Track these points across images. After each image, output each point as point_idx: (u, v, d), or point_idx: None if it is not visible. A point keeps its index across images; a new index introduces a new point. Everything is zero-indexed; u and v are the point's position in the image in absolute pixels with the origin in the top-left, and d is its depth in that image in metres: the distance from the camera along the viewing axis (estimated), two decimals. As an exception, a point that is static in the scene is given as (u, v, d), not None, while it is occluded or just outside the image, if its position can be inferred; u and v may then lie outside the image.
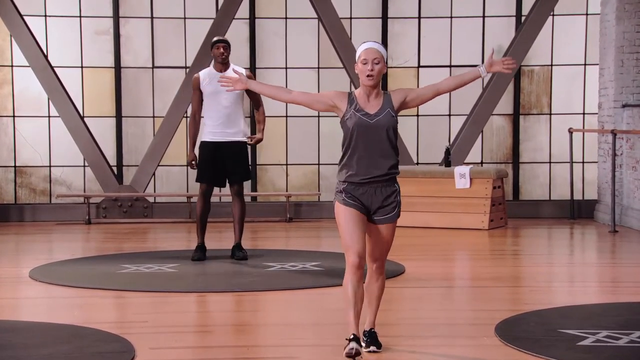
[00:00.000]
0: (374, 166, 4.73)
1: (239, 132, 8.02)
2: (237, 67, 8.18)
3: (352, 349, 4.61)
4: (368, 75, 4.74)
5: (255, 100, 8.15)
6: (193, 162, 8.09)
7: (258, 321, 5.96)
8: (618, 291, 6.95)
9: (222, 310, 6.32)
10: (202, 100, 8.03)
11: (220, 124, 7.95)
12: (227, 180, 8.08)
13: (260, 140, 8.13)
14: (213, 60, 8.09)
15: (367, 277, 4.91)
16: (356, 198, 4.76)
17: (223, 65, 8.00)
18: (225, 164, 8.00)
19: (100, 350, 4.88)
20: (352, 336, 4.65)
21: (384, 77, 11.98)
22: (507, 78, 11.71)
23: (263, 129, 8.13)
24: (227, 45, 8.01)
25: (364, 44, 4.83)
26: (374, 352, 4.80)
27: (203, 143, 8.05)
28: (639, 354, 4.80)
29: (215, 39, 8.08)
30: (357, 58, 4.81)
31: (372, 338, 4.88)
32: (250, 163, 8.38)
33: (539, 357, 4.73)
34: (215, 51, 8.00)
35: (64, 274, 7.44)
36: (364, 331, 4.90)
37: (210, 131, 7.99)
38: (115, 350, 4.88)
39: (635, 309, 6.02)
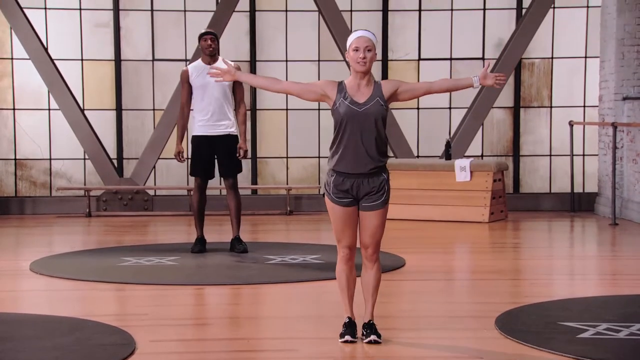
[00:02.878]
0: (362, 155, 4.76)
1: (230, 124, 8.02)
2: (226, 60, 8.17)
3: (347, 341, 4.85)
4: (359, 62, 4.73)
5: (238, 97, 8.10)
6: (180, 155, 8.10)
7: (258, 314, 5.97)
8: (618, 284, 6.95)
9: (222, 302, 6.32)
10: (191, 93, 8.03)
11: (211, 117, 7.96)
12: (220, 173, 8.09)
13: (246, 152, 8.08)
14: (201, 53, 8.08)
15: (362, 268, 4.93)
16: (344, 191, 4.81)
17: (211, 57, 7.99)
18: (218, 157, 8.02)
19: (101, 343, 4.89)
20: (347, 319, 4.89)
21: (384, 70, 11.98)
22: (507, 70, 11.70)
23: (245, 137, 8.01)
24: (214, 37, 8.00)
25: (356, 32, 4.84)
26: (375, 341, 4.80)
27: (195, 137, 8.05)
28: (639, 347, 4.81)
29: (202, 31, 8.08)
30: (347, 46, 4.82)
31: (371, 329, 4.87)
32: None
33: (539, 349, 4.73)
34: (203, 43, 7.99)
35: (65, 266, 7.45)
36: (364, 324, 4.90)
37: (202, 125, 7.99)
38: (115, 342, 4.88)
39: (635, 302, 6.02)
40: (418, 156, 11.96)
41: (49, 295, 6.49)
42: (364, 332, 4.87)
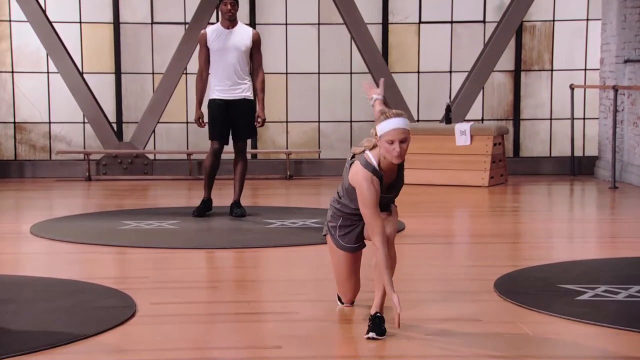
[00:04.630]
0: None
1: (246, 88, 7.99)
2: (245, 27, 8.13)
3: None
4: (396, 155, 4.31)
5: (256, 63, 8.06)
6: (200, 120, 8.08)
7: (258, 277, 5.99)
8: (617, 247, 6.97)
9: (223, 266, 6.34)
10: (209, 57, 7.99)
11: (228, 81, 7.93)
12: (232, 136, 8.08)
13: (264, 120, 8.08)
14: (220, 17, 8.04)
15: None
16: (352, 230, 4.60)
17: (230, 22, 7.95)
18: (233, 121, 8.00)
19: (101, 305, 4.91)
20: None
21: (384, 34, 11.91)
22: (508, 34, 11.64)
23: (263, 105, 8.04)
24: (234, 2, 7.95)
25: (389, 121, 4.30)
26: (373, 339, 4.23)
27: (212, 101, 8.02)
28: (637, 308, 4.83)
29: None
30: (380, 133, 4.31)
31: (375, 324, 4.27)
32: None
33: (537, 311, 4.75)
34: (223, 7, 7.94)
35: (65, 229, 7.46)
36: (369, 316, 4.33)
37: (219, 89, 7.97)
38: (116, 305, 4.91)
39: (634, 264, 6.05)
40: (418, 120, 11.94)
41: (50, 258, 6.51)
42: (368, 325, 4.30)
